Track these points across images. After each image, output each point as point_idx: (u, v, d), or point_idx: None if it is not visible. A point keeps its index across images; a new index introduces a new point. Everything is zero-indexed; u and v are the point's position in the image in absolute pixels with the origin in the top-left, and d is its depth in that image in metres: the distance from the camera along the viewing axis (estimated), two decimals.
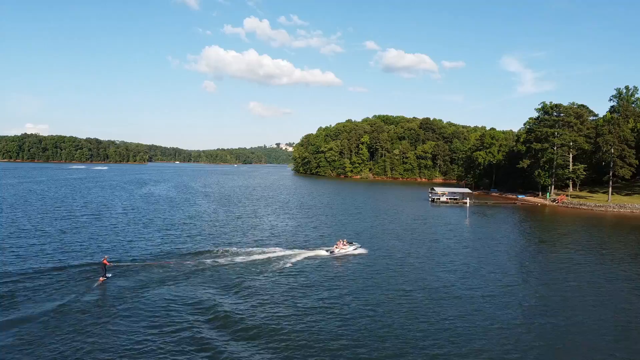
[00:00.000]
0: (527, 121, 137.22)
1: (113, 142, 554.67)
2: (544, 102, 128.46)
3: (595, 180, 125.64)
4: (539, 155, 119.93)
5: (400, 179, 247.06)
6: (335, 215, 77.47)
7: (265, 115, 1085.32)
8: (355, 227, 63.49)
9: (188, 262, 38.72)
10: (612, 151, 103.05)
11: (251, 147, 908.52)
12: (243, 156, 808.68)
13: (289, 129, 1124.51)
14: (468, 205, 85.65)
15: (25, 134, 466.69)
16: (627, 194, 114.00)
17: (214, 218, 67.83)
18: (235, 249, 44.62)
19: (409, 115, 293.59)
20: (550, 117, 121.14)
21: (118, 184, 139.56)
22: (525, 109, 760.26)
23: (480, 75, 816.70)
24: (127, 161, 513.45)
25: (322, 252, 44.12)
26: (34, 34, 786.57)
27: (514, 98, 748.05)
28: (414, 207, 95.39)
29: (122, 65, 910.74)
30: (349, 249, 44.84)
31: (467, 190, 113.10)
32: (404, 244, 50.88)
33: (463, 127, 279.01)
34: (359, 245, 46.50)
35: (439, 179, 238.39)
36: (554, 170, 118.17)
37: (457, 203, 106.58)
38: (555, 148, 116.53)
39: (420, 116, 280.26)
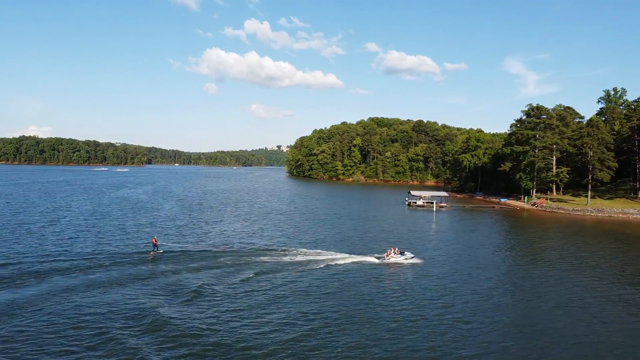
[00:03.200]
0: (512, 124, 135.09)
1: (112, 144, 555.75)
2: (530, 104, 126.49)
3: (579, 183, 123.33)
4: (520, 158, 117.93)
5: (392, 181, 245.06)
6: (293, 220, 75.71)
7: (267, 117, 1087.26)
8: (313, 233, 61.79)
9: (238, 255, 44.15)
10: (592, 154, 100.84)
11: (252, 150, 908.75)
12: (243, 158, 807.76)
13: (290, 131, 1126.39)
14: (435, 209, 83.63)
15: (23, 136, 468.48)
16: (609, 198, 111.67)
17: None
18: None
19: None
20: (532, 119, 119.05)
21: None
22: None
23: (483, 77, 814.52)
24: (125, 163, 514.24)
25: (372, 259, 43.93)
26: (35, 35, 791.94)
27: (517, 100, 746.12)
28: (388, 212, 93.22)
29: (124, 67, 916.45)
30: (400, 258, 43.43)
31: (443, 193, 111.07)
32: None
33: (457, 129, 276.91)
34: (412, 255, 44.56)
35: (431, 182, 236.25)
36: (535, 174, 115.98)
37: (434, 207, 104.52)
38: (536, 151, 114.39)
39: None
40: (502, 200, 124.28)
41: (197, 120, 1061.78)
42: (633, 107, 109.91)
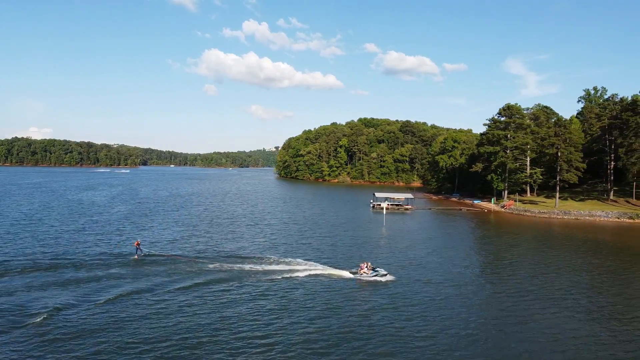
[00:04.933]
0: (485, 123, 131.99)
1: (107, 145, 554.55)
2: (508, 104, 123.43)
3: (555, 184, 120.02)
4: (491, 158, 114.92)
5: (378, 182, 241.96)
6: (238, 224, 72.85)
7: (267, 118, 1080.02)
8: (254, 237, 58.96)
9: (209, 263, 42.62)
10: (559, 154, 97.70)
11: (250, 151, 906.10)
12: (240, 159, 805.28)
13: (289, 132, 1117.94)
14: (384, 212, 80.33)
15: (16, 137, 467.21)
16: (581, 200, 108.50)
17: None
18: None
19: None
20: (503, 119, 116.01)
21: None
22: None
23: (483, 78, 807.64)
24: (119, 165, 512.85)
25: (346, 274, 40.13)
26: (34, 35, 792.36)
27: (518, 101, 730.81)
28: (349, 216, 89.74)
29: (124, 68, 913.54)
30: (370, 276, 38.94)
31: (409, 195, 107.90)
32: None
33: (447, 129, 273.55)
34: (385, 273, 39.66)
35: (417, 183, 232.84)
36: (506, 175, 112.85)
37: (398, 209, 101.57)
38: (507, 151, 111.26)
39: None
40: (476, 202, 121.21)
41: (198, 122, 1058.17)
42: (604, 106, 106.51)
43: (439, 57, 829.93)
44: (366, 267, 39.93)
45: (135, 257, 43.67)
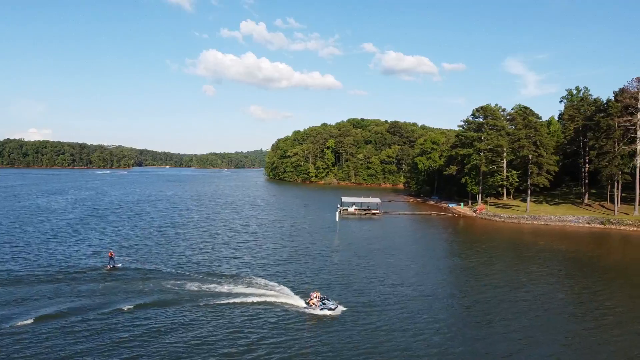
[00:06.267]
0: (459, 124, 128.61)
1: (101, 146, 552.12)
2: (488, 104, 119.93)
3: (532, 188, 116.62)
4: (464, 161, 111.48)
5: (365, 184, 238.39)
6: (184, 235, 69.70)
7: (266, 118, 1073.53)
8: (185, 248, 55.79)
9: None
10: (530, 157, 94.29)
11: (247, 151, 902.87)
12: (235, 160, 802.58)
13: (289, 133, 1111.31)
14: (337, 219, 76.76)
15: (8, 138, 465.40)
16: (556, 204, 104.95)
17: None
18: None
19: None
20: (477, 120, 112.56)
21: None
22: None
23: (482, 77, 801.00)
24: (111, 166, 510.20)
25: (300, 303, 35.36)
26: (32, 36, 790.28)
27: (517, 101, 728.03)
28: (308, 222, 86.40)
29: (122, 69, 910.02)
30: (317, 309, 33.45)
31: (377, 200, 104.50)
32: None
33: (437, 130, 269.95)
34: (335, 306, 34.00)
35: (402, 185, 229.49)
36: (480, 177, 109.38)
37: (366, 215, 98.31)
38: (481, 154, 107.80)
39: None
40: (451, 205, 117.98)
41: (196, 122, 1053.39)
42: (578, 107, 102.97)
43: (438, 57, 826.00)
44: (315, 298, 34.60)
45: (108, 267, 44.45)
